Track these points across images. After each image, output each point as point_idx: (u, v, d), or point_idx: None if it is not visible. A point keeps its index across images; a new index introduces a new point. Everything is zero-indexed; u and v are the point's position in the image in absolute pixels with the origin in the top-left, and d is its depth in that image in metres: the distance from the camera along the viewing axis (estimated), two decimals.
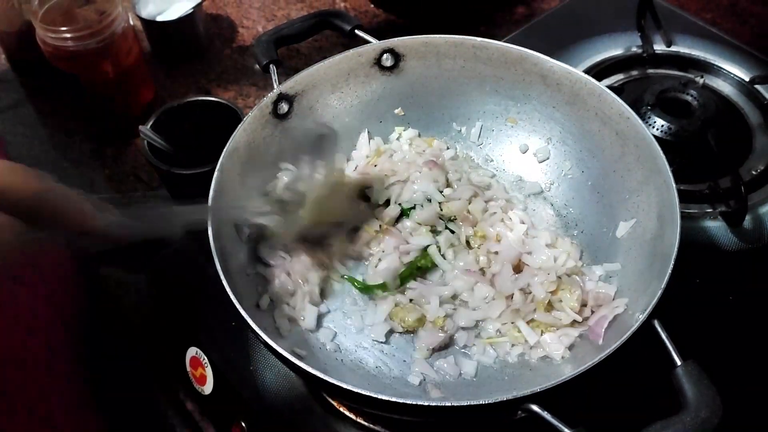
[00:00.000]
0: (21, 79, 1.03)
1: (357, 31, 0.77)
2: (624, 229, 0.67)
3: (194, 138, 0.82)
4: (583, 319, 0.64)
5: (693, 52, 0.93)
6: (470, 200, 0.72)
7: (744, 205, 0.73)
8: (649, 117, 0.80)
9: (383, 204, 0.73)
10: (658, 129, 0.80)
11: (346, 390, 0.51)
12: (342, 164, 0.76)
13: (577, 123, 0.73)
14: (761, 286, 0.74)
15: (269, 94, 0.71)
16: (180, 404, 0.72)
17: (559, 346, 0.63)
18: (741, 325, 0.71)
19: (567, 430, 0.47)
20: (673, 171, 0.61)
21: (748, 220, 0.75)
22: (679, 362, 0.51)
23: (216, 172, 0.64)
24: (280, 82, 0.72)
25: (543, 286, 0.65)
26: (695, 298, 0.70)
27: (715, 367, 0.51)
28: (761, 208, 0.77)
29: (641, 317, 0.53)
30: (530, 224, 0.71)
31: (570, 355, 0.62)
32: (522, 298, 0.65)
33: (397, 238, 0.70)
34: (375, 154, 0.77)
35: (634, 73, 0.93)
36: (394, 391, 0.62)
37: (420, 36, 0.75)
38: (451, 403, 0.50)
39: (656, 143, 0.64)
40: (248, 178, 0.69)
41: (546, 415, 0.49)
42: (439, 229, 0.71)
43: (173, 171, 0.77)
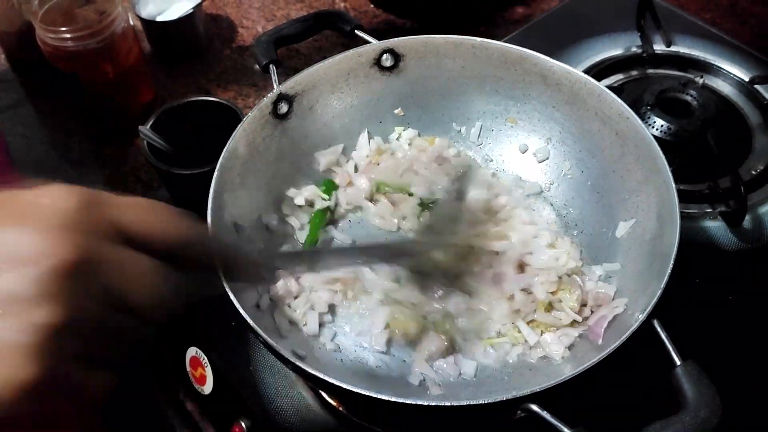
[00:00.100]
0: (21, 79, 1.03)
1: (357, 31, 0.77)
2: (624, 229, 0.67)
3: (194, 138, 0.82)
4: (582, 319, 0.64)
5: (693, 52, 0.93)
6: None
7: (743, 205, 0.73)
8: (649, 117, 0.80)
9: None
10: (657, 129, 0.80)
11: (345, 390, 0.51)
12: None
13: (576, 123, 0.73)
14: (761, 286, 0.74)
15: (269, 94, 0.71)
16: (180, 404, 0.72)
17: (559, 346, 0.63)
18: (741, 324, 0.71)
19: (567, 430, 0.47)
20: (673, 171, 0.61)
21: (747, 220, 0.75)
22: (678, 362, 0.51)
23: (216, 172, 0.64)
24: (280, 82, 0.72)
25: (544, 286, 0.65)
26: (695, 298, 0.70)
27: (715, 367, 0.51)
28: (761, 208, 0.77)
29: (641, 317, 0.53)
30: (534, 224, 0.72)
31: (570, 355, 0.62)
32: (524, 298, 0.65)
33: None
34: (375, 153, 0.77)
35: (634, 73, 0.93)
36: (394, 390, 0.62)
37: (420, 36, 0.75)
38: (450, 403, 0.50)
39: (656, 143, 0.64)
40: (248, 178, 0.69)
41: (546, 414, 0.49)
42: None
43: (173, 171, 0.77)
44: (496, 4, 1.08)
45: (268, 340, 0.54)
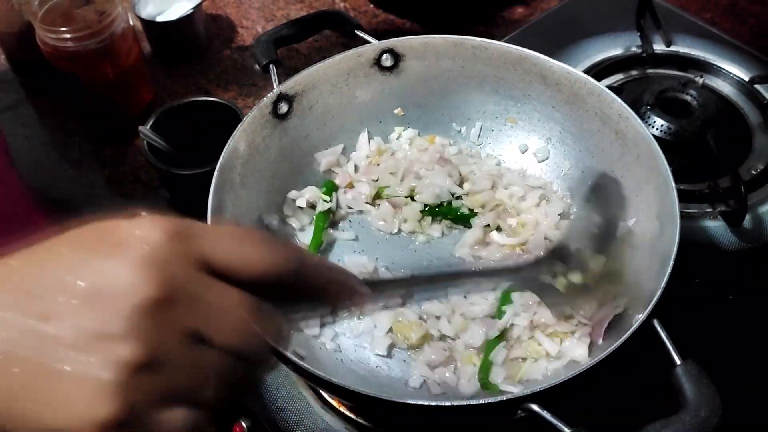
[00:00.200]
0: (21, 79, 1.03)
1: (357, 31, 0.78)
2: (624, 228, 0.67)
3: (194, 138, 0.82)
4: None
5: (692, 52, 0.93)
6: (493, 190, 0.73)
7: (743, 204, 0.73)
8: (649, 117, 0.80)
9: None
10: (657, 129, 0.80)
11: (346, 389, 0.51)
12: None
13: (576, 123, 0.73)
14: (761, 286, 0.74)
15: (269, 94, 0.71)
16: None
17: (583, 348, 0.61)
18: (740, 324, 0.71)
19: (567, 430, 0.47)
20: (673, 171, 0.61)
21: (747, 220, 0.75)
22: (678, 361, 0.51)
23: (216, 172, 0.64)
24: (280, 82, 0.72)
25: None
26: (695, 297, 0.70)
27: (715, 367, 0.51)
28: (761, 208, 0.77)
29: (641, 317, 0.53)
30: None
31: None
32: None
33: None
34: (375, 153, 0.77)
35: (634, 72, 0.92)
36: (395, 390, 0.62)
37: (419, 36, 0.75)
38: (451, 403, 0.50)
39: (656, 143, 0.64)
40: (248, 178, 0.69)
41: (546, 414, 0.49)
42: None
43: (173, 171, 0.77)
44: (496, 4, 1.08)
45: (269, 340, 0.53)
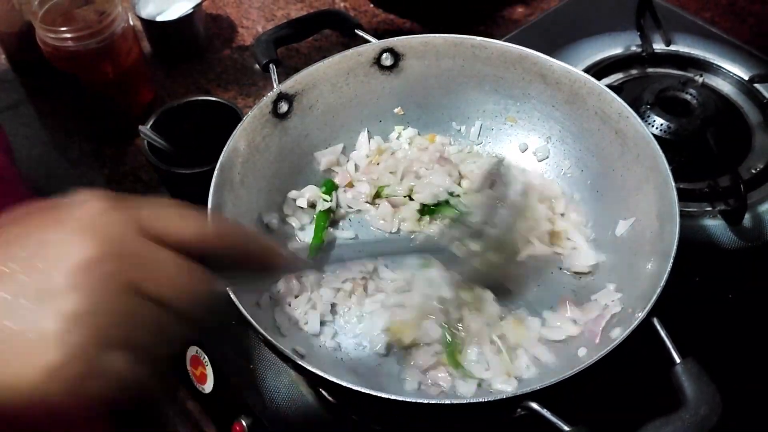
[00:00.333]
0: (21, 79, 1.03)
1: (357, 31, 0.78)
2: (623, 227, 0.67)
3: (194, 138, 0.82)
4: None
5: (692, 51, 0.93)
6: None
7: (743, 203, 0.73)
8: (649, 116, 0.80)
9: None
10: (657, 128, 0.80)
11: (345, 388, 0.51)
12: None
13: (576, 122, 0.73)
14: (761, 285, 0.74)
15: (269, 94, 0.71)
16: (180, 403, 0.72)
17: (583, 349, 0.62)
18: (740, 322, 0.71)
19: (566, 428, 0.47)
20: (673, 170, 0.61)
21: (747, 219, 0.75)
22: (678, 360, 0.51)
23: (216, 171, 0.64)
24: (280, 82, 0.72)
25: None
26: (694, 296, 0.70)
27: (715, 365, 0.51)
28: (760, 207, 0.77)
29: (640, 315, 0.53)
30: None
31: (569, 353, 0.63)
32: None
33: None
34: (375, 152, 0.77)
35: (634, 72, 0.93)
36: (395, 389, 0.62)
37: (419, 35, 0.76)
38: (450, 401, 0.50)
39: (655, 142, 0.64)
40: (248, 177, 0.69)
41: (545, 412, 0.49)
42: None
43: (173, 171, 0.77)
44: (496, 4, 1.08)
45: (269, 338, 0.54)
